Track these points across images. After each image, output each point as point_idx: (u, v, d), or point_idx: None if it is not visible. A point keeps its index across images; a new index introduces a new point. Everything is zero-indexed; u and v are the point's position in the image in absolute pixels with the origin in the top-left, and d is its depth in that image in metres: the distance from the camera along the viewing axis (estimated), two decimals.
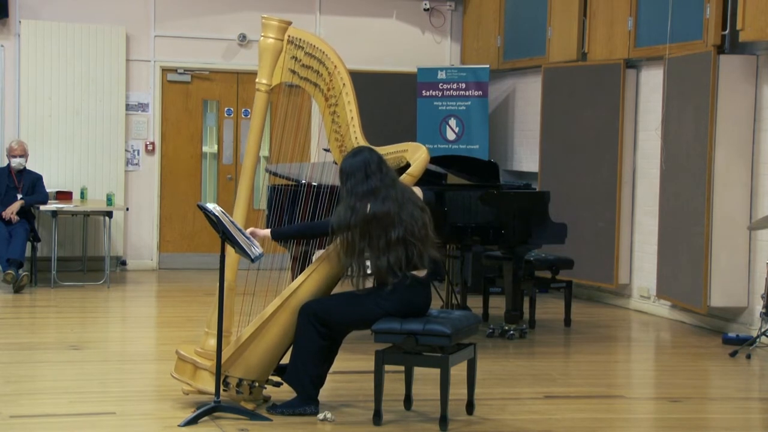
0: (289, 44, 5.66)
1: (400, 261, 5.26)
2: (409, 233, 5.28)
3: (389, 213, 5.26)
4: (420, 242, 5.31)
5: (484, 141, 11.35)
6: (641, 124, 9.72)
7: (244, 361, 5.55)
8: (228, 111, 12.19)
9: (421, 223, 5.34)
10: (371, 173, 5.31)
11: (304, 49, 5.65)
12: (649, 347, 8.42)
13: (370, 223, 5.24)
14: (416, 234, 5.30)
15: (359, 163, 5.33)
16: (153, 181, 11.89)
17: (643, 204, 9.67)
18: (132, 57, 11.72)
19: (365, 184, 5.29)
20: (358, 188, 5.29)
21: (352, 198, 5.29)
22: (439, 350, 5.33)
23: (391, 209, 5.27)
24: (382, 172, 5.34)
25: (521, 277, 8.03)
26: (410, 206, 5.33)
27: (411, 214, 5.31)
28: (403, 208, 5.30)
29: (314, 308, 5.42)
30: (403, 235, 5.26)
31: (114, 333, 8.50)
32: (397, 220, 5.27)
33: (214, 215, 5.25)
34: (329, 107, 5.67)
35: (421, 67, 11.65)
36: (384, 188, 5.30)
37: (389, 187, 5.32)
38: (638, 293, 9.75)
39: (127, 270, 11.69)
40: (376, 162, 5.34)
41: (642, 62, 9.71)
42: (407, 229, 5.27)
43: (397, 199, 5.30)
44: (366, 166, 5.32)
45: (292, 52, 5.66)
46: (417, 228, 5.31)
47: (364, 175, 5.30)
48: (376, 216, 5.24)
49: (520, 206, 7.95)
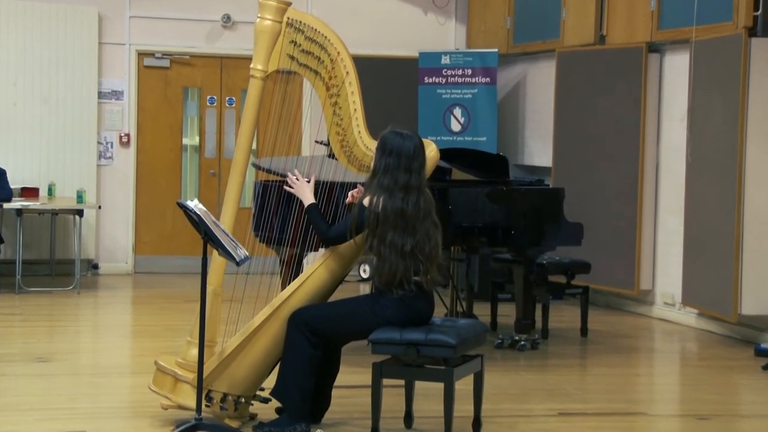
0: (288, 27, 5.65)
1: (409, 275, 5.27)
2: (420, 249, 5.30)
3: (413, 218, 5.27)
4: (428, 262, 5.33)
5: (492, 133, 11.35)
6: (665, 113, 9.73)
7: (230, 374, 5.55)
8: (211, 99, 12.19)
9: (434, 242, 5.37)
10: (414, 169, 5.31)
11: (305, 33, 5.64)
12: (673, 359, 8.43)
13: (397, 219, 5.24)
14: (426, 253, 5.32)
15: (408, 150, 5.31)
16: (128, 177, 11.89)
17: (667, 202, 9.68)
18: (105, 40, 11.72)
19: (404, 175, 5.28)
20: (399, 174, 5.27)
21: (387, 178, 5.26)
22: (442, 362, 5.33)
23: (415, 216, 5.28)
24: (421, 176, 5.36)
25: (533, 282, 8.04)
26: (428, 222, 5.36)
27: (426, 231, 5.34)
28: (424, 220, 5.32)
29: (305, 316, 5.43)
30: (413, 249, 5.28)
31: (85, 343, 8.50)
32: (414, 229, 5.28)
33: (196, 214, 5.25)
34: (330, 97, 5.66)
35: (423, 52, 11.66)
36: (417, 191, 5.32)
37: (421, 193, 5.34)
38: (662, 300, 9.76)
39: (100, 274, 11.69)
40: (421, 162, 5.36)
41: (666, 46, 9.71)
42: (418, 245, 5.29)
43: (423, 208, 5.31)
44: (414, 158, 5.31)
45: (292, 35, 5.65)
46: (429, 247, 5.34)
47: (407, 166, 5.30)
48: (405, 216, 5.25)
49: (531, 204, 7.95)
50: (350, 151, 5.64)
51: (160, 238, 12.03)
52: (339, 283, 5.67)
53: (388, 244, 5.26)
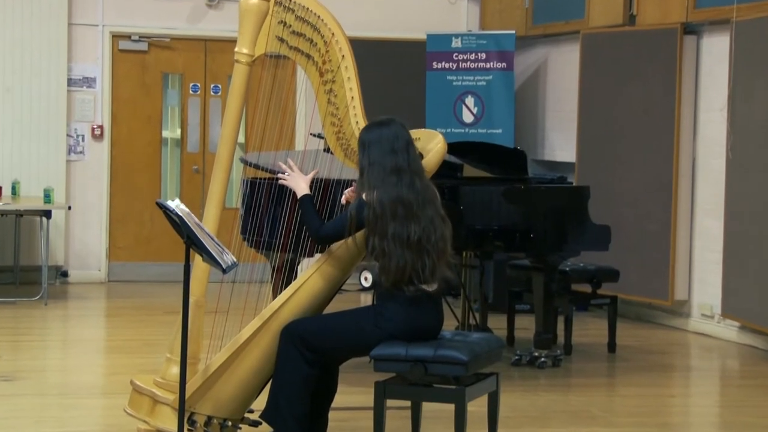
0: (276, 6, 5.67)
1: (417, 267, 5.27)
2: (426, 238, 5.29)
3: (412, 204, 5.28)
4: (435, 255, 5.32)
5: (508, 124, 11.37)
6: (702, 103, 9.74)
7: (215, 395, 5.55)
8: (194, 87, 12.22)
9: (440, 233, 5.35)
10: (399, 149, 5.33)
11: (295, 12, 5.66)
12: (712, 378, 8.43)
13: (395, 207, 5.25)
14: (432, 243, 5.31)
15: (388, 134, 5.35)
16: (101, 174, 11.91)
17: (705, 202, 9.69)
18: (75, 20, 11.74)
19: (390, 158, 5.30)
20: (385, 160, 5.29)
21: (374, 171, 5.28)
22: (453, 381, 5.34)
23: (415, 201, 5.28)
24: (410, 154, 5.38)
25: (554, 291, 8.05)
26: (431, 209, 5.35)
27: (431, 218, 5.33)
28: (425, 207, 5.33)
29: (299, 330, 5.43)
30: (419, 238, 5.27)
31: (53, 360, 8.51)
32: (417, 216, 5.28)
33: (177, 215, 5.27)
34: (324, 84, 5.67)
35: (432, 33, 11.67)
36: (410, 173, 5.33)
37: (415, 174, 5.35)
38: (699, 312, 9.77)
39: (70, 283, 11.70)
40: (406, 140, 5.38)
41: (704, 27, 9.72)
42: (425, 233, 5.29)
43: (421, 192, 5.32)
44: (395, 139, 5.34)
45: (281, 15, 5.67)
46: (435, 237, 5.32)
47: (391, 149, 5.32)
48: (403, 202, 5.26)
49: (552, 204, 7.96)
50: (347, 144, 5.65)
51: (137, 243, 12.05)
52: (337, 291, 5.67)
53: (391, 237, 5.25)
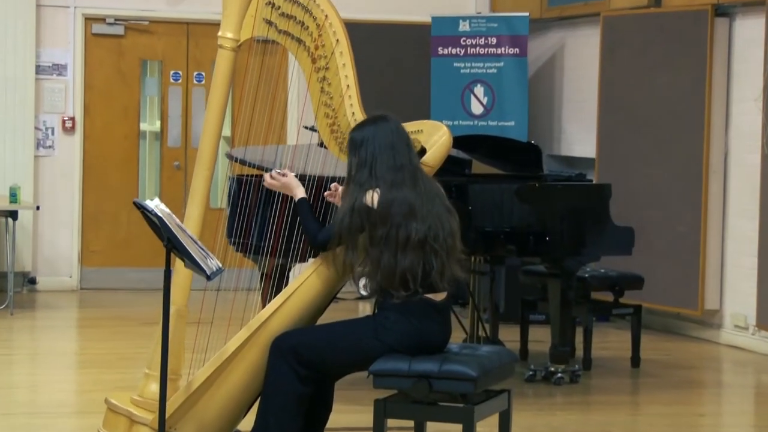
0: None
1: (416, 270, 5.27)
2: (432, 237, 5.29)
3: (417, 203, 5.28)
4: (444, 253, 5.32)
5: (521, 116, 11.37)
6: (735, 92, 9.74)
7: (198, 414, 5.56)
8: (175, 75, 12.22)
9: (449, 229, 5.35)
10: (398, 146, 5.34)
11: None
12: (746, 395, 8.44)
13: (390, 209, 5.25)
14: (440, 241, 5.31)
15: (385, 132, 5.35)
16: (73, 171, 11.91)
17: (738, 202, 9.68)
18: (44, 1, 11.74)
19: (391, 156, 5.30)
20: (384, 158, 5.29)
21: (373, 171, 5.28)
22: (460, 399, 5.34)
23: (420, 199, 5.29)
24: (411, 151, 5.39)
25: (572, 300, 8.05)
26: (438, 204, 5.36)
27: (438, 214, 5.34)
28: (432, 203, 5.33)
29: (292, 342, 5.43)
30: (425, 237, 5.27)
31: (20, 376, 8.51)
32: (421, 215, 5.28)
33: (157, 216, 5.26)
34: (317, 72, 5.68)
35: (437, 16, 11.68)
36: (412, 170, 5.33)
37: (418, 171, 5.36)
38: (732, 322, 9.77)
39: (38, 290, 11.71)
40: (405, 136, 5.40)
41: (737, 8, 9.72)
42: (431, 230, 5.29)
43: (423, 188, 5.33)
44: (394, 135, 5.35)
45: None
46: (443, 234, 5.32)
47: (390, 146, 5.33)
48: (408, 201, 5.26)
49: (570, 204, 7.96)
50: (343, 137, 5.64)
51: (113, 247, 12.05)
52: (332, 299, 5.67)
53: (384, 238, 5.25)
